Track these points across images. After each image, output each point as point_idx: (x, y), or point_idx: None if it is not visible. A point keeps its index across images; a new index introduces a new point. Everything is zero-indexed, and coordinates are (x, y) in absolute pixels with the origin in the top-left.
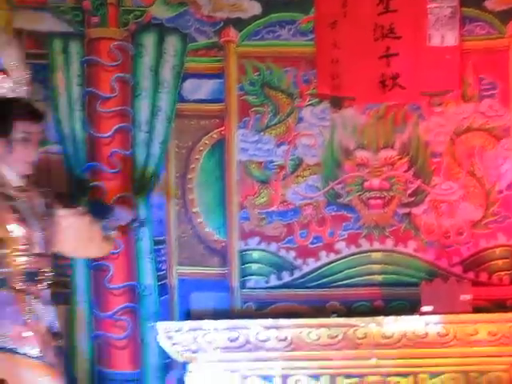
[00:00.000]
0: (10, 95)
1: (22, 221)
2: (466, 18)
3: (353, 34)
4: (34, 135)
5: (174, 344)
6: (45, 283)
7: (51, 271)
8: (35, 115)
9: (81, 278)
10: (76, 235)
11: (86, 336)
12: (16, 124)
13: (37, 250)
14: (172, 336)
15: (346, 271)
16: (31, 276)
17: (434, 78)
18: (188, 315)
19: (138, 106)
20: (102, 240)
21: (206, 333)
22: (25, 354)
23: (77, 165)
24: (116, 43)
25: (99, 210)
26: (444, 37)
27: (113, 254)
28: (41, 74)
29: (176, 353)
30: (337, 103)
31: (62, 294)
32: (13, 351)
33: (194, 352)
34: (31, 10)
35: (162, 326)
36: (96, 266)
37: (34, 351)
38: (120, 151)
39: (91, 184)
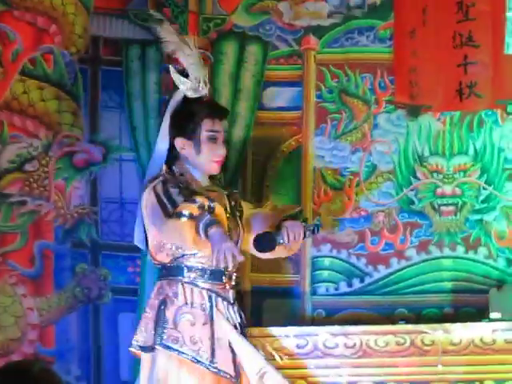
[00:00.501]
0: (192, 95)
1: None
2: None
3: (431, 42)
4: (220, 134)
5: None
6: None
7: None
8: (220, 113)
9: (150, 285)
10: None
11: None
12: (202, 123)
13: None
14: None
15: (416, 278)
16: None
17: (510, 85)
18: (260, 322)
19: None
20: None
21: (274, 339)
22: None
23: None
24: None
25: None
26: None
27: None
28: (116, 80)
29: None
30: (414, 111)
31: (129, 301)
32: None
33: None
34: (109, 17)
35: None
36: None
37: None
38: None
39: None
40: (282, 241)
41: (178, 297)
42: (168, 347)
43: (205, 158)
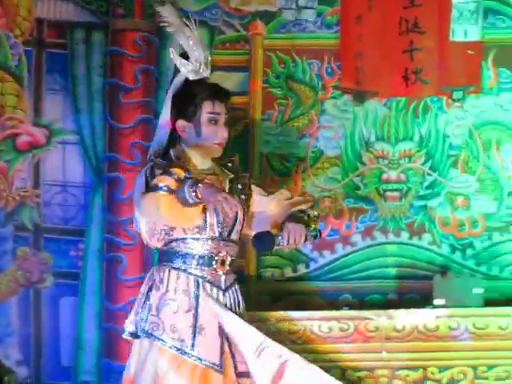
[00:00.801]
0: (193, 77)
1: None
2: (488, 11)
3: (377, 28)
4: (221, 116)
5: None
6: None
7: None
8: (221, 95)
9: (92, 270)
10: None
11: (94, 328)
12: (202, 105)
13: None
14: None
15: (360, 264)
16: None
17: (455, 72)
18: None
19: (161, 97)
20: None
21: None
22: None
23: (95, 155)
24: (141, 35)
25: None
26: (467, 32)
27: (127, 245)
28: (61, 63)
29: None
30: (360, 97)
31: (71, 285)
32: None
33: None
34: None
35: None
36: (109, 258)
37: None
38: (141, 142)
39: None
40: (281, 242)
41: (163, 283)
42: (149, 334)
43: (205, 141)
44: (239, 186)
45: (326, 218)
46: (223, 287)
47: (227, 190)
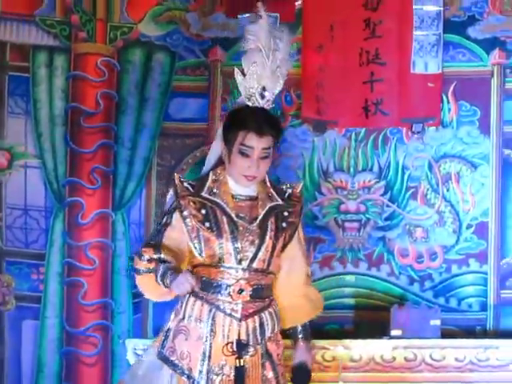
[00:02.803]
0: (245, 102)
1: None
2: (448, 45)
3: (339, 58)
4: (255, 150)
5: None
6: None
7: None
8: (260, 128)
9: (53, 293)
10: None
11: (54, 352)
12: (238, 134)
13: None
14: (140, 354)
15: None
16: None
17: (415, 104)
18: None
19: (122, 122)
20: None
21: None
22: None
23: (56, 180)
24: (103, 59)
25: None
26: (427, 64)
27: (87, 269)
28: (23, 86)
29: None
30: (320, 126)
31: (32, 308)
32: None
33: None
34: (16, 22)
35: (131, 344)
36: (70, 282)
37: None
38: (101, 167)
39: None
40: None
41: (182, 309)
42: (164, 358)
43: (234, 170)
44: (285, 214)
45: None
46: (239, 316)
47: (261, 216)
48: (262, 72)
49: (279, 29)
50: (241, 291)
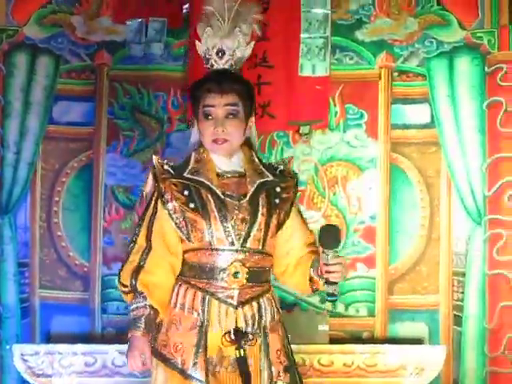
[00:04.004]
0: (209, 66)
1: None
2: (336, 47)
3: None
4: (217, 108)
5: (29, 367)
6: None
7: None
8: (217, 83)
9: None
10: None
11: None
12: (200, 99)
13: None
14: (28, 359)
15: None
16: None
17: (303, 107)
18: (49, 339)
19: (7, 126)
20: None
21: (62, 357)
22: None
23: None
24: None
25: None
26: (315, 67)
27: None
28: None
29: (31, 376)
30: None
31: None
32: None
33: (49, 376)
34: None
35: (18, 349)
36: None
37: None
38: None
39: None
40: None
41: (173, 297)
42: (157, 352)
43: (205, 139)
44: (277, 189)
45: None
46: (235, 303)
47: (250, 192)
48: (217, 32)
49: None
50: (236, 274)
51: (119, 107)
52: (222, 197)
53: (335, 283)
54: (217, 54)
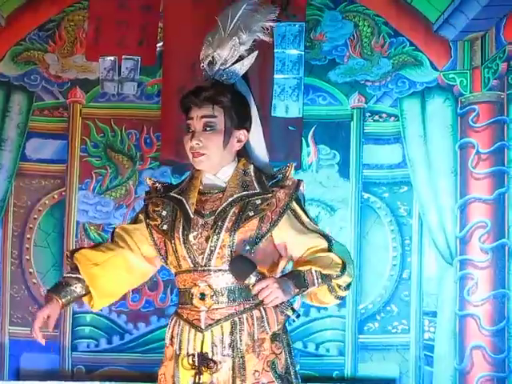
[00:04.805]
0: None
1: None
2: (309, 88)
3: None
4: (194, 121)
5: None
6: None
7: None
8: (195, 95)
9: None
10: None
11: None
12: (185, 113)
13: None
14: None
15: None
16: None
17: (276, 147)
18: (18, 376)
19: None
20: None
21: None
22: None
23: None
24: None
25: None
26: (288, 107)
27: None
28: None
29: None
30: (179, 169)
31: None
32: None
33: None
34: None
35: None
36: None
37: None
38: None
39: None
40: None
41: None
42: None
43: (187, 153)
44: (257, 201)
45: (141, 289)
46: (202, 326)
47: (220, 208)
48: (214, 42)
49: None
50: (202, 296)
51: (92, 145)
52: (192, 216)
53: (283, 303)
54: (208, 64)
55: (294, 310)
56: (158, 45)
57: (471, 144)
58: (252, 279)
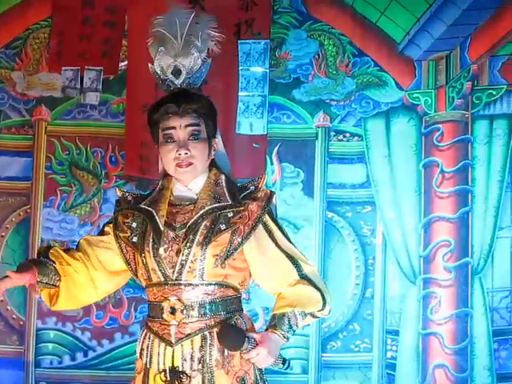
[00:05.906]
0: (164, 89)
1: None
2: (273, 106)
3: None
4: (177, 131)
5: None
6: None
7: None
8: (176, 104)
9: None
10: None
11: None
12: (159, 124)
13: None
14: None
15: None
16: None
17: (240, 165)
18: None
19: None
20: None
21: None
22: None
23: None
24: None
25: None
26: (252, 125)
27: None
28: None
29: None
30: (143, 184)
31: None
32: None
33: None
34: None
35: None
36: None
37: None
38: None
39: None
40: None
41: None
42: None
43: (167, 164)
44: (229, 214)
45: (106, 306)
46: (173, 340)
47: (192, 221)
48: (170, 51)
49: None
50: (172, 310)
51: (57, 162)
52: (162, 228)
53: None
54: (173, 73)
55: (284, 361)
56: (123, 64)
57: (435, 163)
58: (244, 345)
